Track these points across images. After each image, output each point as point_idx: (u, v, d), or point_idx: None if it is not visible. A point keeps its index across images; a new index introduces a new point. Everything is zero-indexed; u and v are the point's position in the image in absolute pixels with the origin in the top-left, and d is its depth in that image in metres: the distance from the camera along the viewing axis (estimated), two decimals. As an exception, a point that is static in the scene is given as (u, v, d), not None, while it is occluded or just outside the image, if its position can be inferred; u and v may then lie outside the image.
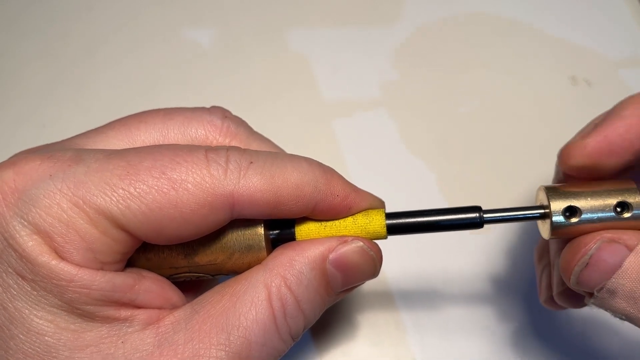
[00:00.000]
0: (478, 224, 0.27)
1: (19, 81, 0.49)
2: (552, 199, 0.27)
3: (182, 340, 0.24)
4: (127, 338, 0.24)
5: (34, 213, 0.22)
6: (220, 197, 0.24)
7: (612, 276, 0.26)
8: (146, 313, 0.25)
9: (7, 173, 0.23)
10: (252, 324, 0.24)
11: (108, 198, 0.23)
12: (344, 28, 0.52)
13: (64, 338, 0.23)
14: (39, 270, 0.22)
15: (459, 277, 0.40)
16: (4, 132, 0.47)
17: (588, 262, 0.26)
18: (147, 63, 0.50)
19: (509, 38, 0.51)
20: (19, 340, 0.23)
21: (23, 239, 0.22)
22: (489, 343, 0.37)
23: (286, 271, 0.25)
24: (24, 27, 0.52)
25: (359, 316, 0.39)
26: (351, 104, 0.47)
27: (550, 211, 0.27)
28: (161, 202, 0.23)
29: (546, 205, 0.27)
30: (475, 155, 0.45)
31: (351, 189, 0.27)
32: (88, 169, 0.23)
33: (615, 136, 0.28)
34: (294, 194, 0.25)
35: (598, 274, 0.26)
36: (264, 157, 0.25)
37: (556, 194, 0.27)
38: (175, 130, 0.28)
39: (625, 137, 0.27)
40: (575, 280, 0.27)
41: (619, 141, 0.27)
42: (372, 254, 0.27)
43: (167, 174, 0.23)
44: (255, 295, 0.25)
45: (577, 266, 0.26)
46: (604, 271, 0.26)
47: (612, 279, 0.26)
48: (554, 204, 0.27)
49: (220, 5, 0.53)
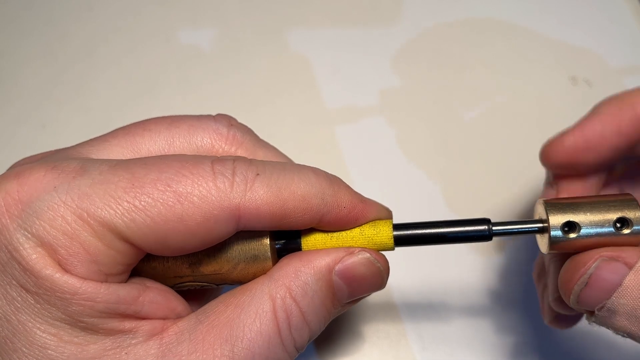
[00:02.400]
0: (487, 236, 0.27)
1: (19, 81, 0.49)
2: (551, 213, 0.27)
3: (185, 352, 0.24)
4: (131, 350, 0.24)
5: (37, 225, 0.22)
6: (227, 210, 0.23)
7: (613, 295, 0.25)
8: (150, 324, 0.24)
9: (10, 184, 0.23)
10: (256, 336, 0.24)
11: (112, 211, 0.23)
12: (345, 28, 0.51)
13: (67, 351, 0.23)
14: (43, 283, 0.22)
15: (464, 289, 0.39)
16: (4, 132, 0.46)
17: (587, 282, 0.26)
18: (146, 63, 0.50)
19: (509, 40, 0.51)
20: (21, 353, 0.23)
21: (27, 252, 0.22)
22: (493, 356, 0.37)
23: (291, 282, 0.25)
24: (24, 27, 0.51)
25: (363, 327, 0.38)
26: (351, 105, 0.47)
27: (548, 225, 0.26)
28: (166, 215, 0.23)
29: (545, 220, 0.27)
30: (478, 158, 0.45)
31: (358, 200, 0.27)
32: (92, 181, 0.23)
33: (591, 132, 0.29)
34: (301, 206, 0.25)
35: (598, 293, 0.26)
36: (271, 168, 0.25)
37: (555, 208, 0.27)
38: (181, 139, 0.27)
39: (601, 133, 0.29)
40: (576, 299, 0.27)
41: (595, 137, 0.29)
42: (379, 266, 0.26)
43: (172, 187, 0.23)
44: (260, 306, 0.24)
45: (577, 285, 0.26)
46: (604, 290, 0.26)
47: (613, 298, 0.25)
48: (553, 218, 0.26)
49: (220, 6, 0.52)
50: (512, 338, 0.38)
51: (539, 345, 0.38)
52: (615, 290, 0.25)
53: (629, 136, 0.29)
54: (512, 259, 0.41)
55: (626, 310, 0.25)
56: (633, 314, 0.25)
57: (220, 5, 0.52)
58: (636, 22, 0.52)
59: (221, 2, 0.53)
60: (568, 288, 0.27)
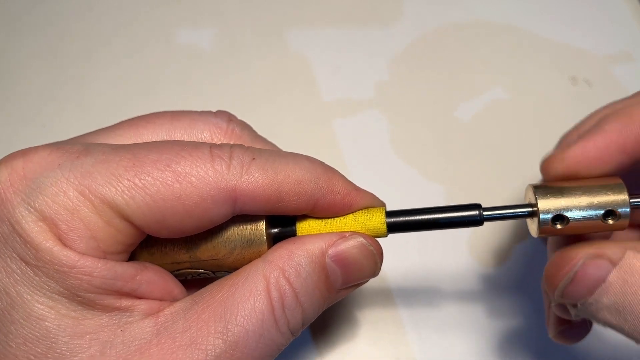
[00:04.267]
0: (478, 221, 0.28)
1: (19, 81, 0.49)
2: (540, 197, 0.27)
3: (180, 329, 0.24)
4: (127, 327, 0.24)
5: (40, 200, 0.23)
6: (223, 191, 0.24)
7: (596, 290, 0.26)
8: (147, 304, 0.25)
9: (16, 161, 0.24)
10: (249, 314, 0.24)
11: (113, 188, 0.23)
12: (344, 28, 0.52)
13: (63, 324, 0.23)
14: (42, 256, 0.23)
15: (458, 275, 0.40)
16: (4, 131, 0.47)
17: (573, 278, 0.27)
18: (147, 63, 0.50)
19: (509, 40, 0.51)
20: (19, 325, 0.23)
21: (29, 225, 0.23)
22: (489, 341, 0.38)
23: (285, 263, 0.25)
24: (24, 27, 0.52)
25: (358, 314, 0.39)
26: (352, 105, 0.48)
27: (537, 210, 0.27)
28: (165, 194, 0.24)
29: (534, 204, 0.27)
30: (477, 157, 0.45)
31: (352, 187, 0.27)
32: (95, 160, 0.24)
33: (594, 150, 0.28)
34: (296, 190, 0.25)
35: (583, 289, 0.26)
36: (267, 154, 0.26)
37: (544, 193, 0.27)
38: (182, 131, 0.28)
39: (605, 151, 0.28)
40: (560, 294, 0.27)
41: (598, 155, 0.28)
42: (372, 250, 0.27)
43: (171, 167, 0.24)
44: (253, 286, 0.25)
45: (562, 282, 0.27)
46: (588, 286, 0.26)
47: (596, 293, 0.26)
48: (542, 202, 0.27)
49: (220, 6, 0.53)
50: (505, 322, 0.38)
51: (532, 329, 0.38)
52: (599, 286, 0.26)
53: (633, 154, 0.28)
54: (505, 245, 0.41)
55: (609, 304, 0.26)
56: (615, 309, 0.26)
57: (220, 5, 0.53)
58: (636, 22, 0.52)
59: (221, 2, 0.53)
60: (553, 283, 0.27)
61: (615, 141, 0.28)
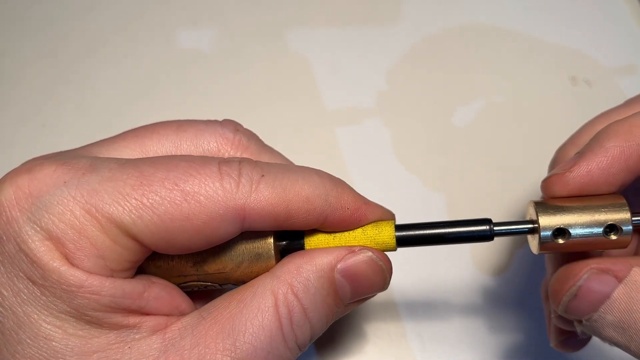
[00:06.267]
0: (489, 236, 0.27)
1: (20, 81, 0.49)
2: (541, 214, 0.27)
3: (188, 346, 0.24)
4: (134, 344, 0.24)
5: (46, 219, 0.23)
6: (232, 210, 0.24)
7: (601, 307, 0.26)
8: (154, 320, 0.25)
9: (22, 178, 0.23)
10: (258, 331, 0.24)
11: (120, 207, 0.23)
12: (345, 29, 0.52)
13: (71, 344, 0.23)
14: (49, 275, 0.22)
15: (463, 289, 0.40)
16: (4, 131, 0.46)
17: (577, 294, 0.26)
18: (147, 63, 0.50)
19: (509, 42, 0.51)
20: (26, 345, 0.23)
21: (35, 244, 0.22)
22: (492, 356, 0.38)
23: (293, 278, 0.25)
24: (24, 27, 0.51)
25: (363, 326, 0.39)
26: (352, 106, 0.47)
27: (538, 226, 0.27)
28: (173, 213, 0.23)
29: (535, 220, 0.27)
30: (478, 159, 0.45)
31: (361, 202, 0.27)
32: (102, 178, 0.23)
33: (597, 171, 0.27)
34: (305, 207, 0.25)
35: (587, 305, 0.26)
36: (276, 170, 0.25)
37: (545, 210, 0.27)
38: (188, 142, 0.28)
39: (608, 171, 0.27)
40: (564, 309, 0.27)
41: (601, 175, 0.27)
42: (381, 264, 0.27)
43: (180, 186, 0.24)
44: (262, 302, 0.25)
45: (566, 297, 0.27)
46: (592, 302, 0.26)
47: (601, 310, 0.26)
48: (543, 219, 0.27)
49: (220, 6, 0.53)
50: (510, 338, 0.38)
51: (537, 345, 0.38)
52: (603, 302, 0.26)
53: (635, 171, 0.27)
54: (511, 260, 0.41)
55: (614, 322, 0.26)
56: (620, 326, 0.26)
57: (220, 5, 0.53)
58: (636, 22, 0.52)
59: (221, 2, 0.53)
60: (557, 298, 0.27)
61: (618, 159, 0.27)
